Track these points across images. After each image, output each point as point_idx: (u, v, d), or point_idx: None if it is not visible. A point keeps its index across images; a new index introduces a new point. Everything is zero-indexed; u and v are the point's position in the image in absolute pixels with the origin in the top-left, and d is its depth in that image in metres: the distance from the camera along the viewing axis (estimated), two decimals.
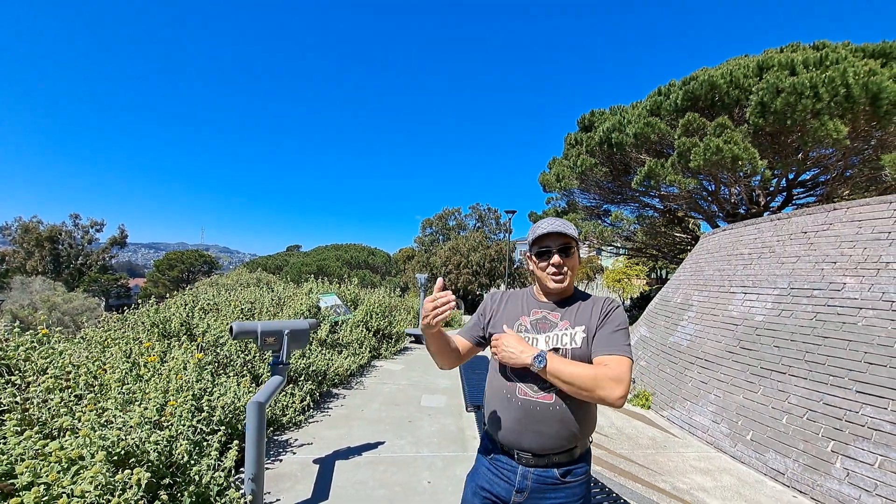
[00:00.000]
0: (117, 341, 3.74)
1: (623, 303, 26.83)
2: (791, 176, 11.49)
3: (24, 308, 18.65)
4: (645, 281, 27.81)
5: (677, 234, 14.40)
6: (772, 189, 11.63)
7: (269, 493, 2.90)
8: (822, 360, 3.96)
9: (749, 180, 10.65)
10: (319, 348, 5.69)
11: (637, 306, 18.72)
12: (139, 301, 4.95)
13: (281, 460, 3.42)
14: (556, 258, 1.41)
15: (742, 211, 11.73)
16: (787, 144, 9.80)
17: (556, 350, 1.35)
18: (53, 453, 2.02)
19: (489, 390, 1.46)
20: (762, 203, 11.58)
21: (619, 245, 16.01)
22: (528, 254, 1.54)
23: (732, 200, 11.87)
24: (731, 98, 9.78)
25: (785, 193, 12.04)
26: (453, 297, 1.26)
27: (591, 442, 1.44)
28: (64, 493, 1.91)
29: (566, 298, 1.48)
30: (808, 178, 11.85)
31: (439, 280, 1.28)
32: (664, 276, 26.78)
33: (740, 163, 9.09)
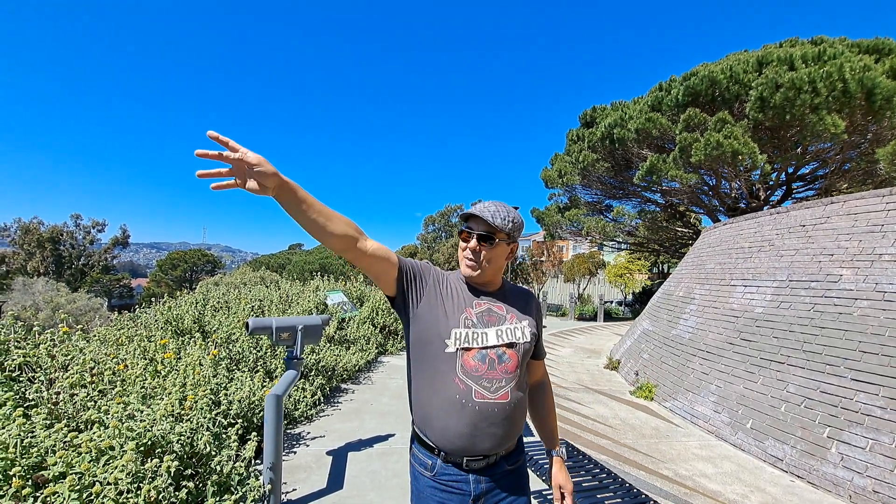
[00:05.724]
0: (133, 339, 3.84)
1: (625, 297, 26.96)
2: (790, 170, 11.56)
3: (27, 309, 18.76)
4: (647, 275, 27.91)
5: (678, 229, 14.48)
6: (771, 183, 11.71)
7: (285, 483, 3.00)
8: (819, 350, 4.06)
9: (749, 174, 10.73)
10: (328, 344, 5.80)
11: (639, 301, 18.81)
12: (142, 301, 5.06)
13: (295, 452, 3.52)
14: (472, 242, 1.28)
15: (742, 205, 11.82)
16: (787, 139, 9.87)
17: (511, 346, 1.28)
18: (84, 444, 2.12)
19: (435, 398, 1.26)
20: (762, 197, 11.66)
21: (620, 240, 16.09)
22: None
23: (733, 195, 11.95)
24: (732, 93, 9.84)
25: (784, 187, 12.12)
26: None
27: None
28: (97, 481, 2.02)
29: (500, 289, 1.39)
30: (806, 171, 11.93)
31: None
32: (666, 271, 26.85)
33: (740, 157, 9.17)
